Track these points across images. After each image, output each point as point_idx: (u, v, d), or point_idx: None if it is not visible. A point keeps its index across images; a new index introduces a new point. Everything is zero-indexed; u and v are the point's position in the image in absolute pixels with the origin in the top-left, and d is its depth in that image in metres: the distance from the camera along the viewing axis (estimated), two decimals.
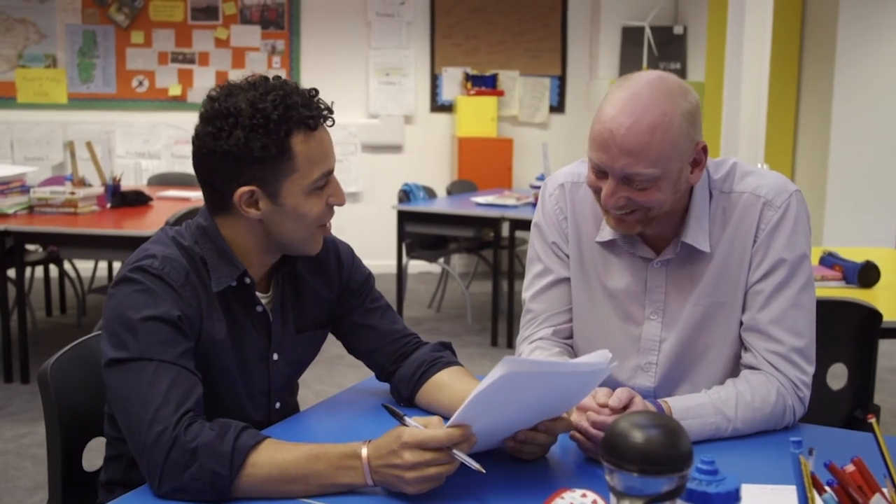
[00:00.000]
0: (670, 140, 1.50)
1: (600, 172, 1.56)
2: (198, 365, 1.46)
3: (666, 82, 1.53)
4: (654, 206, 1.55)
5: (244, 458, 1.29)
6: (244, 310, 1.56)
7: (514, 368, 1.22)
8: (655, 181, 1.52)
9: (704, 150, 1.58)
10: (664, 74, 1.55)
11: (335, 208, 1.56)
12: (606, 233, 1.71)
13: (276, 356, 1.62)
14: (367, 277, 1.76)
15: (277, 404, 1.66)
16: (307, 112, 1.45)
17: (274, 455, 1.31)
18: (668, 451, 0.92)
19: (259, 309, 1.58)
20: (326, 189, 1.52)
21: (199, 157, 1.49)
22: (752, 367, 1.64)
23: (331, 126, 1.51)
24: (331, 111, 1.51)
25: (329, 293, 1.70)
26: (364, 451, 1.29)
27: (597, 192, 1.59)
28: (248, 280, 1.54)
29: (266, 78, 1.48)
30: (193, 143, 1.48)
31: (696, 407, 1.54)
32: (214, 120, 1.44)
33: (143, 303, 1.41)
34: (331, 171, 1.51)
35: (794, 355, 1.62)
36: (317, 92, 1.50)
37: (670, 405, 1.54)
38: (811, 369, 1.64)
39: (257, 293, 1.57)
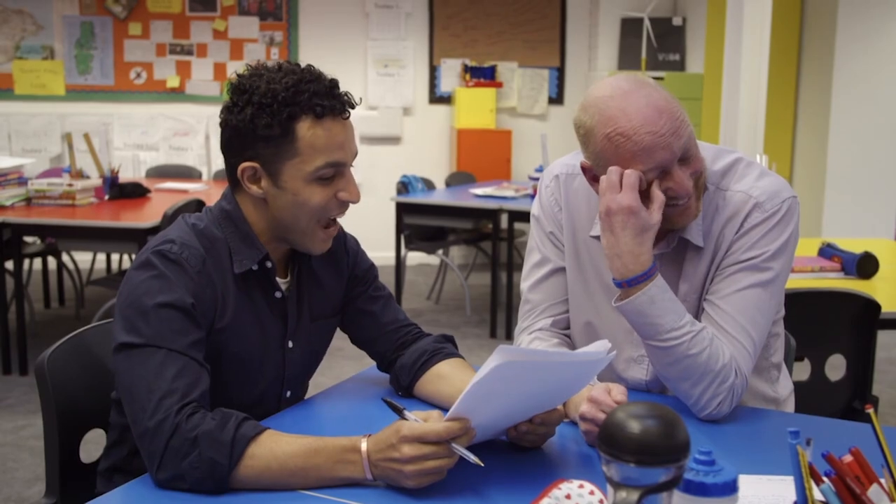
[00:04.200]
0: (677, 105, 1.54)
1: (661, 172, 1.54)
2: (213, 351, 1.48)
3: (624, 76, 1.57)
4: (702, 168, 1.59)
5: (244, 449, 1.29)
6: (263, 295, 1.57)
7: (509, 358, 1.21)
8: (695, 143, 1.57)
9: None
10: (618, 75, 1.60)
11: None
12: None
13: (290, 343, 1.63)
14: (371, 267, 1.78)
15: (288, 393, 1.67)
16: (318, 100, 1.46)
17: (274, 447, 1.31)
18: (665, 442, 0.92)
19: (278, 295, 1.59)
20: (336, 182, 1.51)
21: (220, 128, 1.53)
22: None
23: (345, 118, 1.50)
24: (351, 105, 1.51)
25: (339, 281, 1.72)
26: (364, 446, 1.29)
27: (667, 195, 1.56)
28: (269, 264, 1.55)
29: (297, 65, 1.51)
30: (220, 114, 1.53)
31: (671, 300, 1.56)
32: (234, 94, 1.49)
33: (158, 288, 1.42)
34: (338, 164, 1.50)
35: (739, 333, 1.60)
36: (337, 83, 1.51)
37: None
38: (752, 352, 1.61)
39: (277, 279, 1.59)
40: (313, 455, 1.30)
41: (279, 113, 1.44)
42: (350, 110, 1.51)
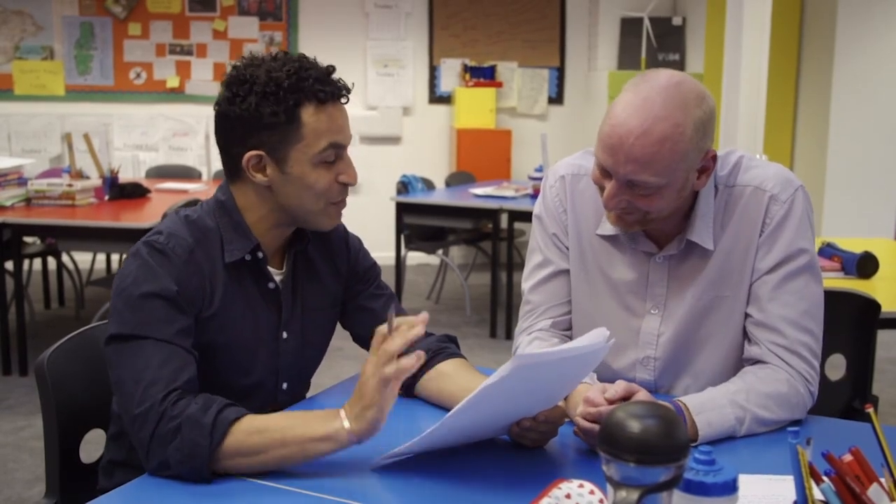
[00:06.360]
0: (679, 152, 1.48)
1: (605, 172, 1.55)
2: (204, 338, 1.49)
3: (682, 88, 1.49)
4: (653, 211, 1.55)
5: (225, 430, 1.31)
6: (256, 285, 1.58)
7: (526, 362, 1.23)
8: (659, 189, 1.51)
9: (714, 158, 1.56)
10: (681, 79, 1.51)
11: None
12: (608, 226, 1.70)
13: (285, 334, 1.63)
14: (374, 265, 1.79)
15: (285, 385, 1.67)
16: (319, 86, 1.49)
17: (254, 422, 1.34)
18: (665, 441, 0.92)
19: (271, 286, 1.60)
20: (337, 165, 1.54)
21: (216, 121, 1.54)
22: (758, 361, 1.63)
23: (345, 103, 1.55)
24: (347, 90, 1.55)
25: (337, 276, 1.73)
26: (342, 411, 1.34)
27: (600, 188, 1.59)
28: (260, 254, 1.57)
29: (288, 53, 1.54)
30: (214, 107, 1.54)
31: (708, 400, 1.52)
32: (232, 85, 1.50)
33: (143, 278, 1.44)
34: (339, 146, 1.53)
35: (801, 349, 1.60)
36: (334, 69, 1.55)
37: (685, 402, 1.51)
38: (817, 363, 1.63)
39: (271, 269, 1.60)
40: (291, 417, 1.37)
41: (285, 100, 1.47)
42: (347, 94, 1.55)
